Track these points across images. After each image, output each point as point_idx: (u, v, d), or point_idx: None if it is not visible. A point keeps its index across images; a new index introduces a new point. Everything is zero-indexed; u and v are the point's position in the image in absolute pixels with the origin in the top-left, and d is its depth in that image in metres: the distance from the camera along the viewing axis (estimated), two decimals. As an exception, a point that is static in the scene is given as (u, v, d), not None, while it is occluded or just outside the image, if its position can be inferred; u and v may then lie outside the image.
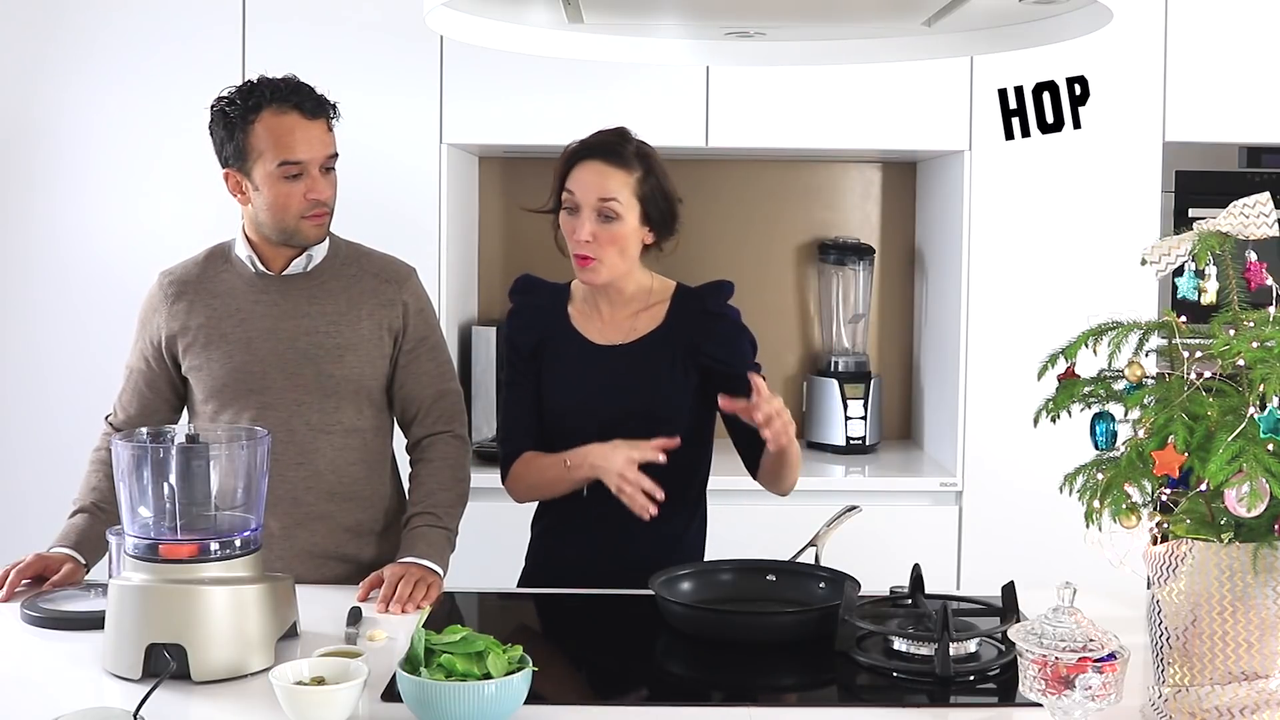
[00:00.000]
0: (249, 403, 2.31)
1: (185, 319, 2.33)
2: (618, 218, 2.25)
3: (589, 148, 2.29)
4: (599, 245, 2.26)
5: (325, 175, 2.28)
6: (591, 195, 2.25)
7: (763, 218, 3.89)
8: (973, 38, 2.14)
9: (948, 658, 1.79)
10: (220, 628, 1.78)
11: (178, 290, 2.35)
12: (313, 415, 2.32)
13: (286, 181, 2.24)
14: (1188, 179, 3.36)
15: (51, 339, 3.38)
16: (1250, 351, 1.49)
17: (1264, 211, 1.57)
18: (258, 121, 2.23)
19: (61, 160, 3.36)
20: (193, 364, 2.33)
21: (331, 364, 2.32)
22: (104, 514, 2.28)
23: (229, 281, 2.35)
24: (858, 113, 3.38)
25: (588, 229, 2.25)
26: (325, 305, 2.34)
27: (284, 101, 2.24)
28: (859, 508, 2.33)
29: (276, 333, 2.31)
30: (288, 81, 2.27)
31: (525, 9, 2.06)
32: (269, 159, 2.23)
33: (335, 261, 2.37)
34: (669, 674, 1.95)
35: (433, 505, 2.32)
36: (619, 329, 2.35)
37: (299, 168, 2.24)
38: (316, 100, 2.27)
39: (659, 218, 2.31)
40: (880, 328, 3.93)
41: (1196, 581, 1.54)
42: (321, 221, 2.30)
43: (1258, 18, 3.33)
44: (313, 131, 2.25)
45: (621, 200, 2.25)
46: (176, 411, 2.42)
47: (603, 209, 2.25)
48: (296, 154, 2.23)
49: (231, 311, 2.33)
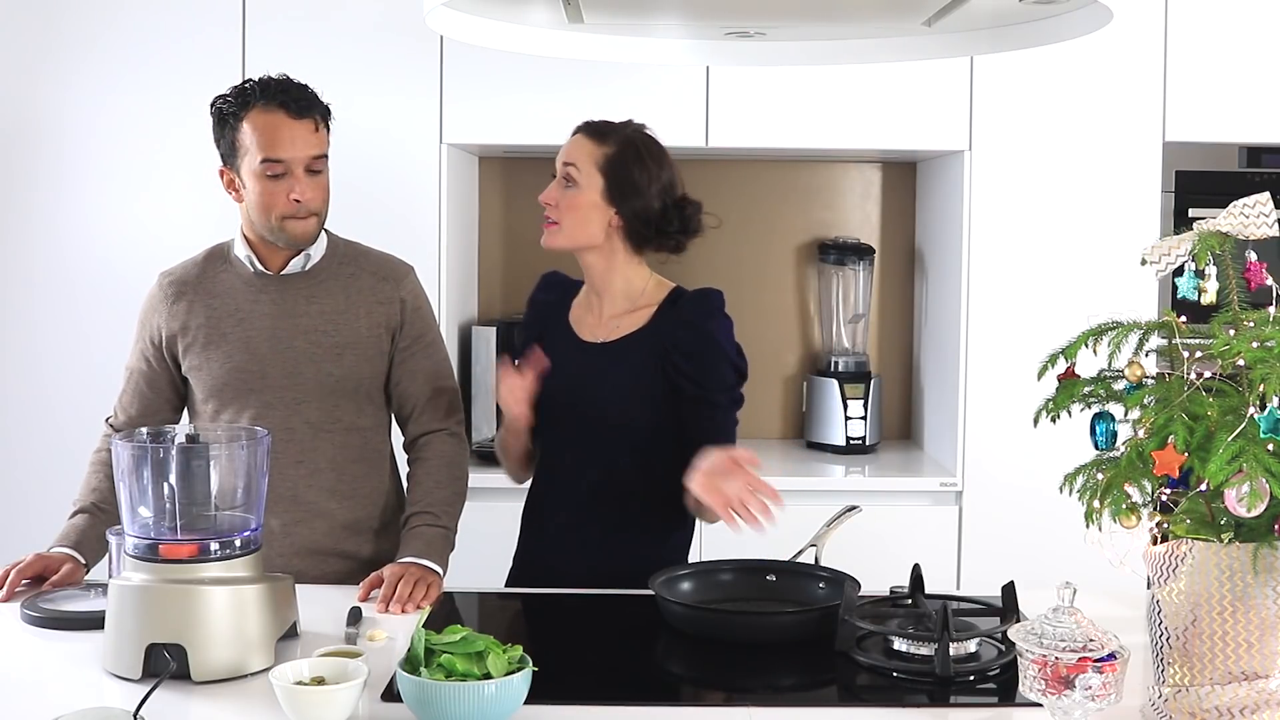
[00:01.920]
0: (249, 402, 2.31)
1: (185, 319, 2.34)
2: (574, 184, 2.28)
3: (582, 124, 2.34)
4: (558, 209, 2.29)
5: (311, 177, 2.27)
6: (560, 160, 2.30)
7: (763, 218, 3.89)
8: (973, 38, 2.14)
9: (948, 658, 1.79)
10: (220, 628, 1.78)
11: (177, 290, 2.36)
12: (312, 414, 2.33)
13: (270, 180, 2.25)
14: (1188, 179, 3.36)
15: (51, 339, 3.38)
16: (1250, 351, 1.48)
17: (1264, 211, 1.57)
18: (245, 119, 2.25)
19: (61, 160, 3.36)
20: (192, 364, 2.34)
21: (330, 362, 2.33)
22: (104, 514, 2.28)
23: (228, 281, 2.36)
24: (858, 113, 3.38)
25: (551, 191, 2.30)
26: (324, 304, 2.34)
27: (271, 100, 2.24)
28: (859, 508, 2.33)
29: (275, 332, 2.32)
30: (279, 80, 2.27)
31: (525, 9, 2.07)
32: (253, 156, 2.24)
33: (333, 261, 2.38)
34: (669, 674, 1.95)
35: (431, 504, 2.32)
36: (605, 326, 2.35)
37: (281, 166, 2.24)
38: (305, 100, 2.26)
39: (631, 207, 2.28)
40: (880, 328, 3.93)
41: (1196, 581, 1.54)
42: (305, 222, 2.28)
43: (1258, 18, 3.33)
44: (297, 131, 2.24)
45: (580, 167, 2.28)
46: (177, 412, 2.43)
47: (563, 172, 2.29)
48: (278, 152, 2.23)
49: (231, 311, 2.33)
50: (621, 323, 2.34)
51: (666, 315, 2.32)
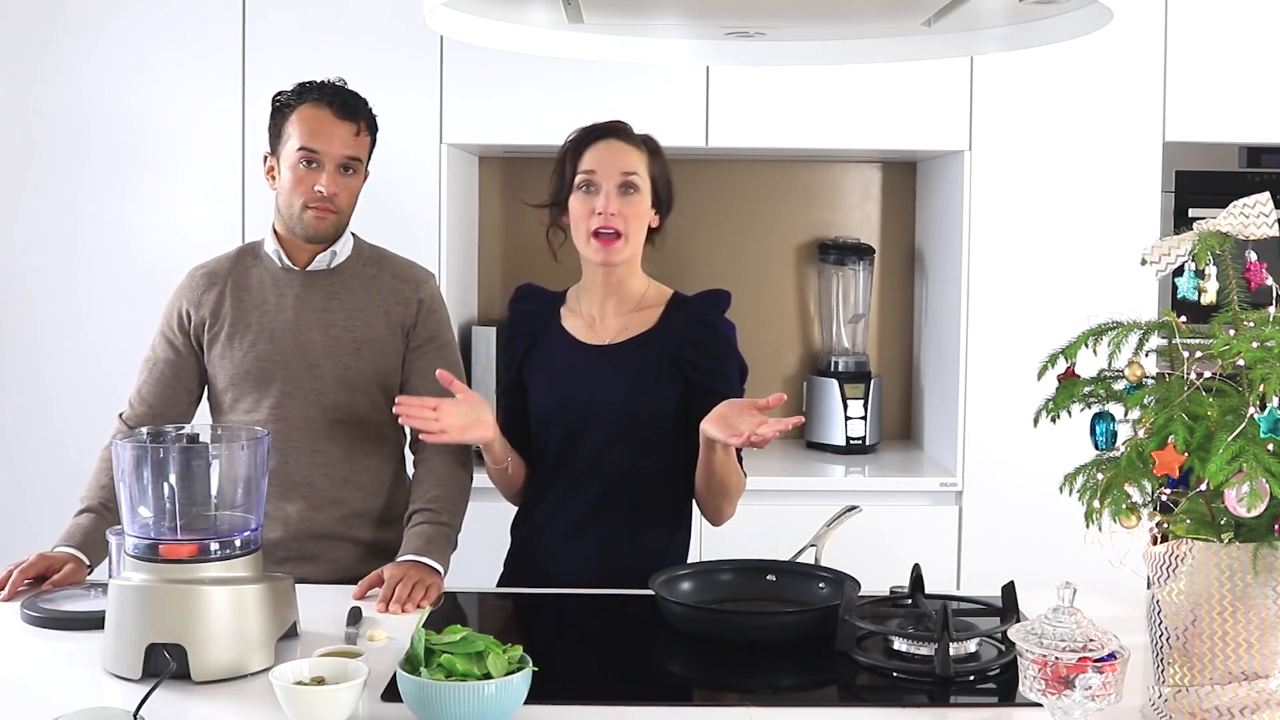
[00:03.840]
0: (269, 391, 2.38)
1: (215, 307, 2.42)
2: (638, 191, 2.29)
3: (603, 128, 2.33)
4: (622, 218, 2.28)
5: (343, 174, 2.36)
6: (614, 170, 2.28)
7: (763, 218, 3.89)
8: (973, 38, 2.14)
9: (948, 658, 1.79)
10: (220, 628, 1.78)
11: (209, 281, 2.44)
12: (329, 405, 2.39)
13: (302, 168, 2.35)
14: (1188, 179, 3.36)
15: (52, 338, 3.38)
16: (1250, 351, 1.48)
17: (1264, 211, 1.57)
18: (296, 110, 2.36)
19: (61, 160, 3.36)
20: (218, 352, 2.41)
21: (348, 357, 2.39)
22: (110, 514, 2.28)
23: (257, 276, 2.44)
24: (858, 113, 3.38)
25: (614, 203, 2.27)
26: (345, 301, 2.42)
27: (322, 98, 2.36)
28: (859, 508, 2.33)
29: (297, 324, 2.40)
30: (336, 85, 2.39)
31: (525, 9, 2.07)
32: (293, 143, 2.35)
33: (358, 262, 2.46)
34: (669, 674, 1.95)
35: (434, 503, 2.33)
36: (610, 329, 2.35)
37: (316, 157, 2.34)
38: (354, 105, 2.38)
39: (665, 202, 2.36)
40: (880, 328, 3.93)
41: (1196, 581, 1.54)
42: (325, 217, 2.36)
43: (1258, 18, 3.33)
44: (339, 129, 2.34)
45: (641, 174, 2.30)
46: (195, 404, 2.48)
47: (625, 181, 2.28)
48: (316, 143, 2.33)
49: (257, 303, 2.41)
50: (628, 324, 2.34)
51: (676, 315, 2.34)
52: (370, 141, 2.43)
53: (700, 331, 2.32)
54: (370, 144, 2.43)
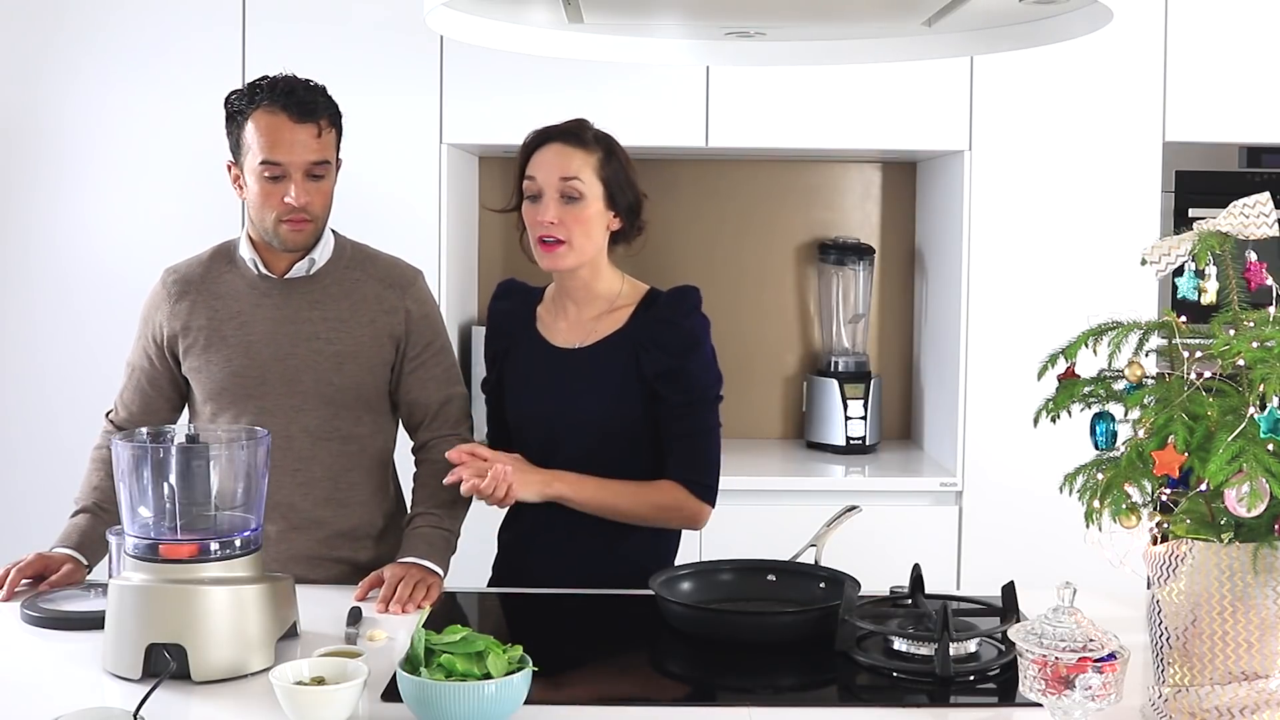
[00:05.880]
0: (247, 407, 2.30)
1: (187, 319, 2.32)
2: (581, 198, 2.22)
3: (547, 133, 2.27)
4: (564, 226, 2.21)
5: (311, 182, 2.24)
6: (553, 176, 2.22)
7: (763, 218, 3.89)
8: (973, 38, 2.14)
9: (948, 658, 1.79)
10: (220, 628, 1.78)
11: (181, 289, 2.34)
12: (311, 422, 2.31)
13: (267, 182, 2.23)
14: (1188, 179, 3.36)
15: (51, 338, 3.38)
16: (1250, 351, 1.48)
17: (1264, 211, 1.57)
18: (250, 118, 2.23)
19: (61, 160, 3.36)
20: (193, 365, 2.33)
21: (331, 371, 2.31)
22: (106, 514, 2.27)
23: (232, 283, 2.34)
24: (858, 113, 3.38)
25: (552, 211, 2.21)
26: (327, 310, 2.32)
27: (274, 101, 2.22)
28: (859, 508, 2.33)
29: (276, 337, 2.30)
30: (287, 81, 2.25)
31: (525, 9, 2.06)
32: (254, 156, 2.22)
33: (339, 265, 2.35)
34: (669, 674, 1.95)
35: (434, 506, 2.31)
36: (580, 331, 2.31)
37: (279, 169, 2.22)
38: (310, 103, 2.23)
39: (625, 204, 2.27)
40: (880, 328, 3.93)
41: (1196, 581, 1.54)
42: (300, 228, 2.26)
43: (1258, 18, 3.33)
44: (298, 135, 2.21)
45: (584, 179, 2.22)
46: (177, 410, 2.41)
47: (565, 189, 2.22)
48: (277, 155, 2.21)
49: (233, 314, 2.31)
50: (598, 326, 2.30)
51: (643, 315, 2.28)
52: (336, 135, 2.28)
53: (660, 329, 2.26)
54: (336, 138, 2.29)
